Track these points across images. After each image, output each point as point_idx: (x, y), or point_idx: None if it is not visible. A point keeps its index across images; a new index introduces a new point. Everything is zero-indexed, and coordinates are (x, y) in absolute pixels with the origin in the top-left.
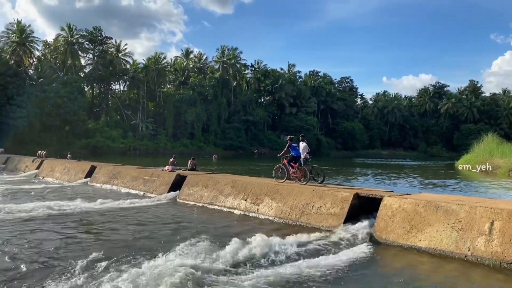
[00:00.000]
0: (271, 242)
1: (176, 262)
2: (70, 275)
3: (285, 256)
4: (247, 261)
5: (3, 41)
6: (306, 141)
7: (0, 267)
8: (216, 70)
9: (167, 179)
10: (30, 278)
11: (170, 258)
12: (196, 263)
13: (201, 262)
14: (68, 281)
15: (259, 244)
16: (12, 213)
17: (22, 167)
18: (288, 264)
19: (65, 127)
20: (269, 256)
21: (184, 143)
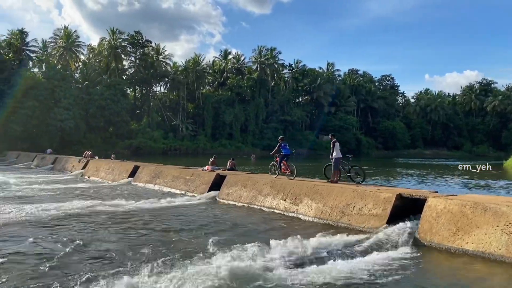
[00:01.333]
0: (311, 243)
1: (222, 262)
2: (118, 273)
3: (327, 257)
4: (288, 262)
5: (51, 46)
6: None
7: (57, 262)
8: (254, 70)
9: (207, 178)
10: (83, 275)
11: (217, 258)
12: (240, 263)
13: (245, 262)
14: (115, 279)
15: (300, 245)
16: (61, 211)
17: (69, 167)
18: (330, 265)
19: (109, 128)
20: (310, 257)
21: (222, 143)
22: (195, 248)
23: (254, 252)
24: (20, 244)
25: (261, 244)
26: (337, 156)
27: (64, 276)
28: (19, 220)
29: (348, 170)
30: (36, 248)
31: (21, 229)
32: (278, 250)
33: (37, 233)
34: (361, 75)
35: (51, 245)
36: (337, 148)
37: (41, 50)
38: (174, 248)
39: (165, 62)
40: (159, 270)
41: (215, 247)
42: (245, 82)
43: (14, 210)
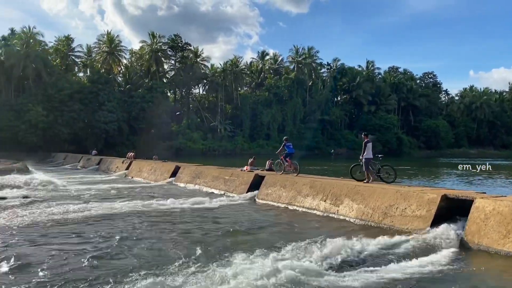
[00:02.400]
0: (354, 245)
1: (267, 262)
2: (166, 271)
3: (369, 259)
4: (330, 263)
5: (95, 51)
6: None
7: (98, 261)
8: (291, 70)
9: (246, 179)
10: (128, 271)
11: (260, 258)
12: (282, 264)
13: (287, 263)
14: (165, 278)
15: (342, 246)
16: (106, 210)
17: (113, 168)
18: (373, 267)
19: (151, 130)
20: (353, 259)
21: (260, 143)
22: (237, 248)
23: (296, 253)
24: (69, 241)
25: (303, 245)
26: (368, 156)
27: (113, 272)
28: (68, 219)
29: (378, 169)
30: (85, 245)
31: (70, 227)
32: (321, 251)
33: (86, 231)
34: (402, 72)
35: (99, 243)
36: (368, 148)
37: (85, 55)
38: (217, 248)
39: (203, 65)
40: (205, 269)
41: (256, 247)
42: (283, 82)
43: (64, 209)
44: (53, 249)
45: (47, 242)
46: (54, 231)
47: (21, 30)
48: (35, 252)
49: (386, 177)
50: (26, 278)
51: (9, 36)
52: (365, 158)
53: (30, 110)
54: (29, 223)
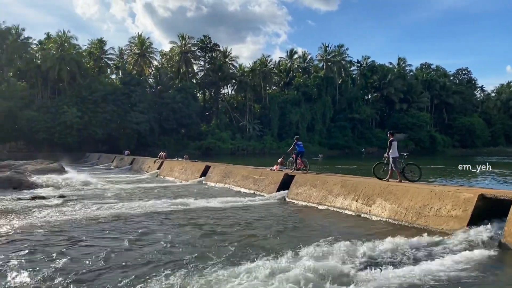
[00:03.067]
0: (388, 245)
1: (299, 262)
2: (197, 269)
3: (403, 259)
4: (363, 263)
5: (127, 54)
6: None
7: (132, 254)
8: (320, 68)
9: (276, 178)
10: (162, 267)
11: (291, 259)
12: (314, 263)
13: (321, 262)
14: (194, 275)
15: (375, 246)
16: (141, 209)
17: (146, 168)
18: (407, 268)
19: (181, 130)
20: (385, 259)
21: (289, 143)
22: (268, 248)
23: (328, 253)
24: (106, 238)
25: (335, 245)
26: (394, 155)
27: (149, 269)
28: (103, 217)
29: (403, 168)
30: (121, 243)
31: (106, 226)
32: (353, 251)
33: (121, 229)
34: (434, 69)
35: (136, 240)
36: (394, 147)
37: (117, 58)
38: (247, 247)
39: (232, 65)
40: (234, 268)
41: (287, 247)
42: (312, 81)
43: (99, 208)
44: (91, 246)
45: (85, 240)
46: (91, 229)
47: (56, 34)
48: (74, 249)
49: (410, 176)
50: (69, 276)
51: (45, 40)
52: (391, 157)
53: (66, 111)
54: (67, 221)
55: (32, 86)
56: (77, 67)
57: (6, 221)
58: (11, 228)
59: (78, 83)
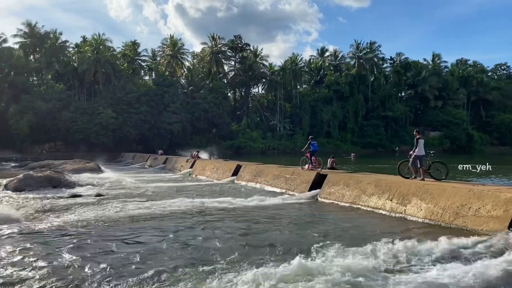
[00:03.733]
0: (423, 245)
1: (337, 263)
2: (230, 268)
3: (440, 260)
4: (398, 264)
5: (160, 55)
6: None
7: (163, 260)
8: (352, 66)
9: (308, 177)
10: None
11: (329, 259)
12: (355, 265)
13: (357, 263)
14: (230, 274)
15: (411, 246)
16: (175, 208)
17: (178, 167)
18: (444, 269)
19: (212, 130)
20: (422, 260)
21: (320, 142)
22: (304, 248)
23: (362, 254)
24: (142, 237)
25: (369, 245)
26: (420, 153)
27: (187, 267)
28: (139, 215)
29: (429, 166)
30: (159, 241)
31: (142, 224)
32: (388, 252)
33: (157, 227)
34: (471, 65)
35: (172, 238)
36: (420, 145)
37: (151, 59)
38: (283, 247)
39: (262, 64)
40: (272, 269)
41: (320, 247)
42: (343, 79)
43: (135, 206)
44: (128, 244)
45: (123, 238)
46: (128, 227)
47: (91, 38)
48: (113, 247)
49: (436, 174)
50: (105, 273)
51: (81, 43)
52: (416, 155)
53: (101, 112)
54: (104, 220)
55: (70, 88)
56: (112, 69)
57: (48, 219)
58: (53, 225)
59: (113, 84)
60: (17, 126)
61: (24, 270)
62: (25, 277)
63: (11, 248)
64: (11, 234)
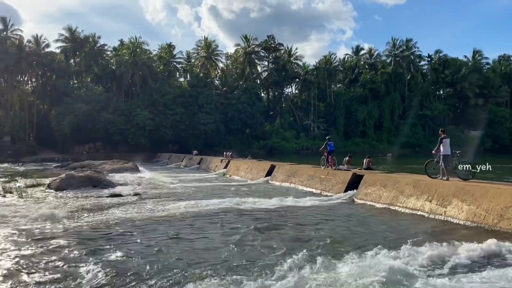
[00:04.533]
0: (465, 248)
1: (378, 266)
2: (270, 269)
3: (483, 264)
4: (440, 267)
5: (194, 57)
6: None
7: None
8: (388, 64)
9: (343, 178)
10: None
11: (370, 262)
12: (398, 268)
13: (402, 266)
14: (266, 275)
15: (453, 249)
16: (212, 207)
17: (213, 167)
18: (488, 273)
19: (246, 130)
20: (463, 263)
21: (355, 141)
22: (343, 250)
23: (401, 256)
24: (180, 235)
25: (408, 247)
26: (445, 152)
27: (225, 265)
28: (177, 214)
29: (455, 166)
30: (196, 240)
31: (181, 223)
32: (429, 254)
33: (195, 227)
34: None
35: (210, 238)
36: (445, 144)
37: (185, 61)
38: (322, 249)
39: (296, 64)
40: (310, 269)
41: (358, 249)
42: (379, 77)
43: (172, 206)
44: (168, 242)
45: (164, 236)
46: (167, 225)
47: (128, 41)
48: (155, 244)
49: (462, 174)
50: (146, 273)
51: (118, 46)
52: (442, 154)
53: (138, 114)
54: (143, 218)
55: (108, 90)
56: (148, 71)
57: (89, 217)
58: (94, 224)
59: (149, 86)
60: (59, 127)
61: (72, 267)
62: (72, 272)
63: (56, 244)
64: (55, 232)
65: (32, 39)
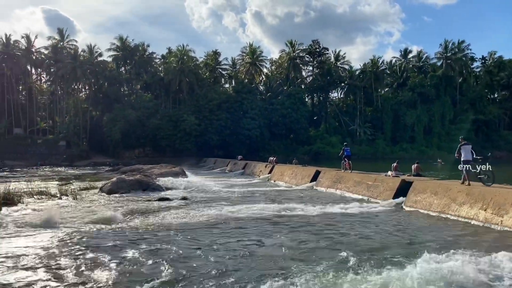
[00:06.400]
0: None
1: (433, 277)
2: (314, 272)
3: None
4: (504, 280)
5: (239, 63)
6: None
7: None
8: (438, 67)
9: (391, 184)
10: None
11: (424, 273)
12: (451, 278)
13: (455, 275)
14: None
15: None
16: (256, 211)
17: (257, 172)
18: None
19: (290, 135)
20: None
21: (403, 147)
22: (394, 260)
23: (469, 267)
24: (230, 240)
25: (463, 258)
26: (465, 158)
27: (278, 268)
28: (224, 219)
29: (479, 172)
30: (243, 245)
31: (227, 228)
32: (498, 267)
33: (241, 232)
34: None
35: (257, 243)
36: (464, 150)
37: (230, 67)
38: (371, 257)
39: (342, 68)
40: (363, 273)
41: (410, 257)
42: (429, 81)
43: (218, 210)
44: (215, 246)
45: (209, 239)
46: (215, 231)
47: (176, 49)
48: (201, 250)
49: (486, 180)
50: (195, 275)
51: (167, 54)
52: (462, 160)
53: (185, 120)
54: (192, 222)
55: (156, 97)
56: (195, 78)
57: (142, 219)
58: (148, 226)
59: (196, 93)
60: (110, 133)
61: (134, 266)
62: (135, 270)
63: (116, 245)
64: (110, 233)
65: (86, 48)
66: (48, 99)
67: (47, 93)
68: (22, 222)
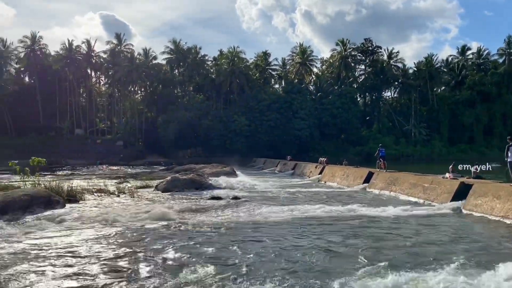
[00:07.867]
0: None
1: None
2: (357, 275)
3: None
4: None
5: (289, 63)
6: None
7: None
8: (500, 64)
9: (449, 187)
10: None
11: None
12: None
13: None
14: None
15: None
16: (309, 212)
17: (307, 172)
18: None
19: (341, 135)
20: None
21: (461, 148)
22: (456, 268)
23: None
24: (281, 239)
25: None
26: (511, 159)
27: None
28: (275, 219)
29: None
30: (296, 246)
31: (279, 227)
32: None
33: (294, 232)
34: None
35: (307, 244)
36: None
37: (280, 68)
38: (430, 263)
39: (395, 66)
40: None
41: (481, 266)
42: (490, 78)
43: (269, 210)
44: (266, 243)
45: (261, 240)
46: (267, 231)
47: (227, 50)
48: (252, 247)
49: None
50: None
51: (218, 56)
52: (509, 161)
53: (235, 120)
54: (244, 221)
55: (208, 98)
56: (245, 79)
57: (197, 217)
58: (204, 223)
59: (246, 94)
60: (165, 133)
61: (191, 261)
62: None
63: (175, 241)
64: (167, 230)
65: (141, 51)
66: (107, 101)
67: (105, 95)
68: (84, 218)
